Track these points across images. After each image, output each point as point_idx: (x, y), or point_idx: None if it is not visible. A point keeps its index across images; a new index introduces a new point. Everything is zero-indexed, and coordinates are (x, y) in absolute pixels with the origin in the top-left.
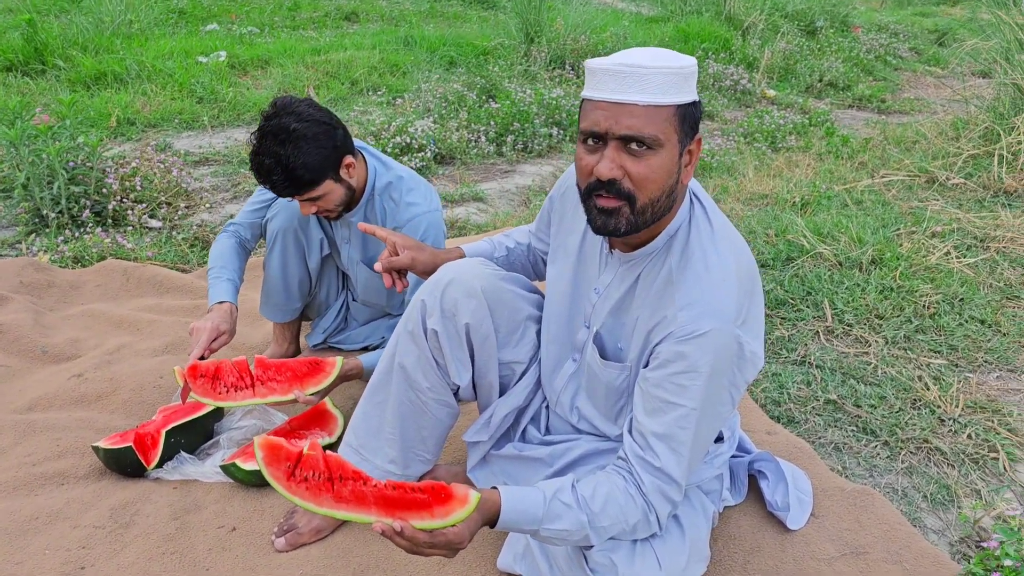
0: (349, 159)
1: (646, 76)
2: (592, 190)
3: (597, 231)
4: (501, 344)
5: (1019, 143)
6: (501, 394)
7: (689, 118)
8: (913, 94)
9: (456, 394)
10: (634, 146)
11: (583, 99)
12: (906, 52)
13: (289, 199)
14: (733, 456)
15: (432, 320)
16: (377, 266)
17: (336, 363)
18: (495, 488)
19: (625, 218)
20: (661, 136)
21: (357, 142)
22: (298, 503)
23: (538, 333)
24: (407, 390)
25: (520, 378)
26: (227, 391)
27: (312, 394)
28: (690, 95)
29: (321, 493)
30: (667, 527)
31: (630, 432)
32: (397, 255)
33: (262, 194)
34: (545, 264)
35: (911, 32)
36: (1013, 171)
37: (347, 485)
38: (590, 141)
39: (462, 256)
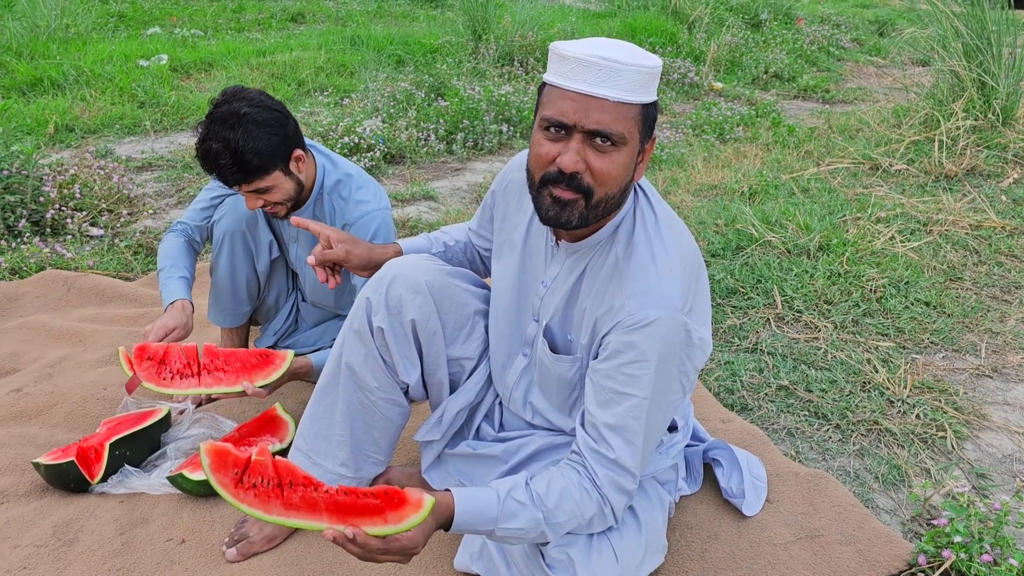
0: (299, 152)
1: (621, 72)
2: (549, 180)
3: (546, 221)
4: (449, 340)
5: (958, 128)
6: (452, 392)
7: (649, 118)
8: (856, 84)
9: (407, 393)
10: (599, 141)
11: (546, 83)
12: (848, 43)
13: (236, 188)
14: (688, 445)
15: (378, 318)
16: (310, 259)
17: (287, 355)
18: (448, 490)
19: (579, 211)
20: (627, 134)
21: (306, 140)
22: (246, 511)
23: (487, 328)
24: (356, 390)
25: (470, 375)
26: (172, 378)
27: (261, 386)
28: (653, 95)
29: (270, 500)
30: (623, 520)
31: (582, 425)
32: (331, 248)
33: (210, 192)
34: (485, 261)
35: (853, 23)
36: (953, 156)
37: (297, 491)
38: (552, 130)
39: (398, 251)
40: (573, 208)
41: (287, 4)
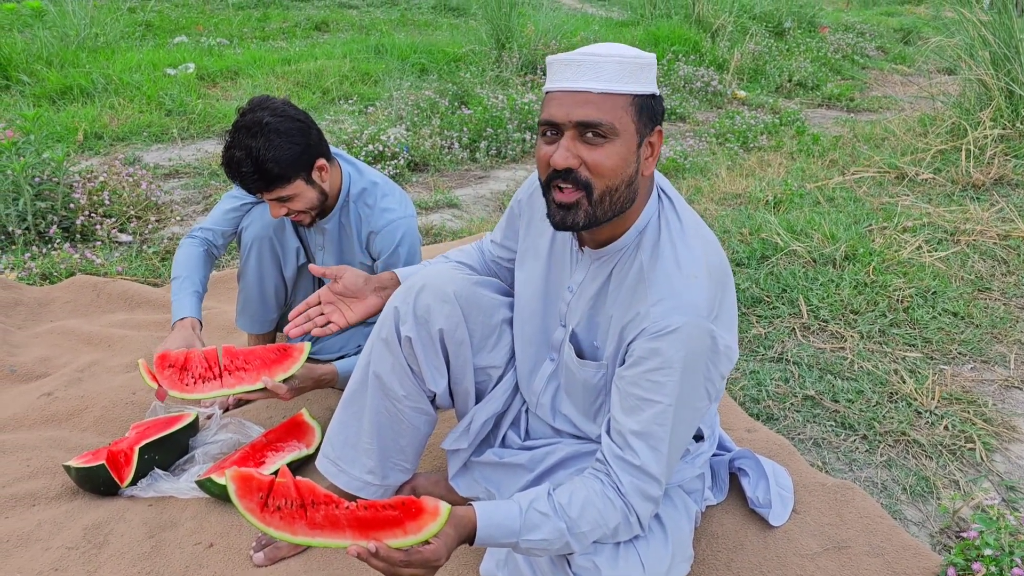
0: (322, 162)
1: (599, 64)
2: (550, 180)
3: (556, 227)
4: (476, 349)
5: (985, 138)
6: (478, 400)
7: (647, 109)
8: (881, 92)
9: (433, 401)
10: (590, 134)
11: (544, 93)
12: (873, 51)
13: (259, 196)
14: (714, 455)
15: (406, 327)
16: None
17: (305, 348)
18: (469, 505)
19: (583, 210)
20: (616, 124)
21: (332, 149)
22: (274, 535)
23: (513, 337)
24: (383, 399)
25: (497, 383)
26: (195, 382)
27: (282, 380)
28: (647, 86)
29: (295, 522)
30: (650, 528)
31: (608, 432)
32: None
33: (235, 199)
34: (505, 271)
35: (877, 31)
36: (980, 165)
37: (320, 510)
38: (548, 133)
39: (394, 279)
40: (578, 209)
41: (311, 13)
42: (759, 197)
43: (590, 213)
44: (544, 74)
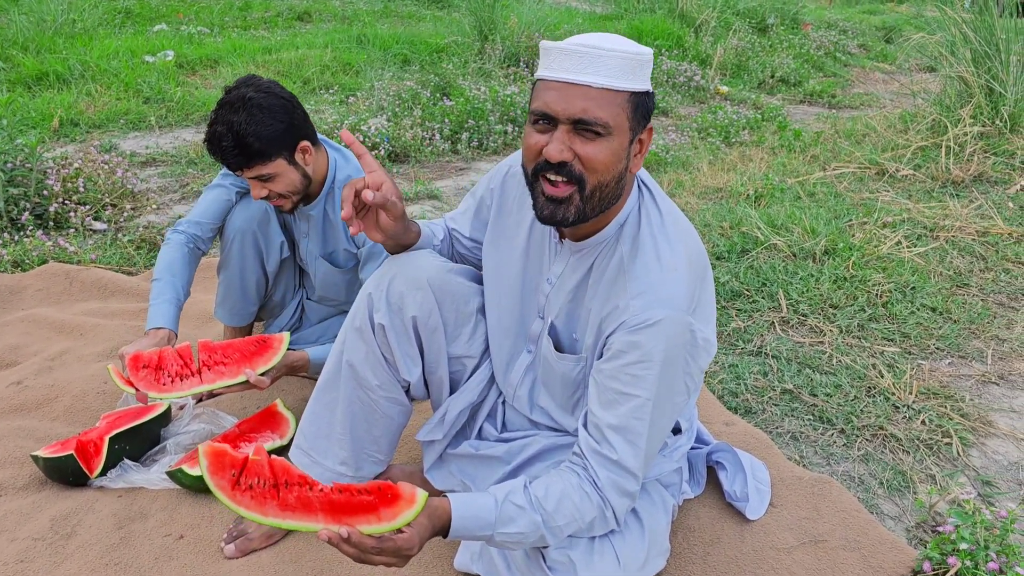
0: (306, 144)
1: (602, 58)
2: (539, 171)
3: (544, 220)
4: (451, 338)
5: (965, 134)
6: (452, 391)
7: (641, 107)
8: (862, 89)
9: (408, 392)
10: (585, 129)
11: (536, 79)
12: (855, 48)
13: (239, 174)
14: (691, 448)
15: (379, 315)
16: (366, 195)
17: (284, 338)
18: (444, 496)
19: (574, 206)
20: (612, 122)
21: (319, 136)
22: (243, 514)
23: (486, 328)
24: (356, 389)
25: (472, 373)
26: (172, 381)
27: (263, 373)
28: (644, 84)
29: (267, 502)
30: (626, 522)
31: (584, 426)
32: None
33: (220, 190)
34: (474, 262)
35: (859, 29)
36: (960, 162)
37: (293, 491)
38: (540, 122)
39: (419, 232)
40: (568, 204)
41: (293, 3)
42: (740, 191)
43: (580, 208)
44: (528, 67)
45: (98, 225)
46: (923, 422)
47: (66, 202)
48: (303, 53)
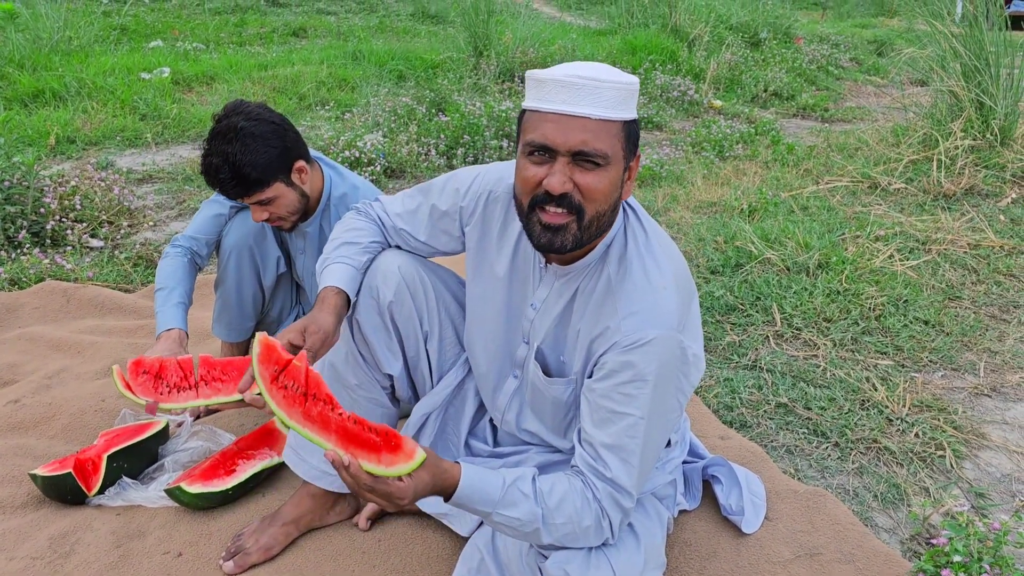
0: (301, 163)
1: (599, 89)
2: (537, 203)
3: (540, 248)
4: (427, 334)
5: (956, 148)
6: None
7: (632, 135)
8: (855, 103)
9: (394, 393)
10: (585, 160)
11: (526, 110)
12: (847, 62)
13: (239, 202)
14: (686, 462)
15: (356, 311)
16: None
17: None
18: (457, 462)
19: (572, 234)
20: (610, 152)
21: (312, 152)
22: (274, 409)
23: (455, 330)
24: (339, 389)
25: (441, 377)
26: (169, 391)
27: (260, 393)
28: (633, 112)
29: (294, 406)
30: (622, 536)
31: (580, 442)
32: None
33: (217, 205)
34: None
35: (851, 43)
36: (951, 175)
37: (317, 406)
38: (537, 154)
39: (342, 300)
40: (566, 232)
41: (289, 19)
42: (734, 205)
43: (578, 237)
44: (522, 82)
45: (95, 243)
46: (917, 435)
47: (63, 219)
48: (299, 69)
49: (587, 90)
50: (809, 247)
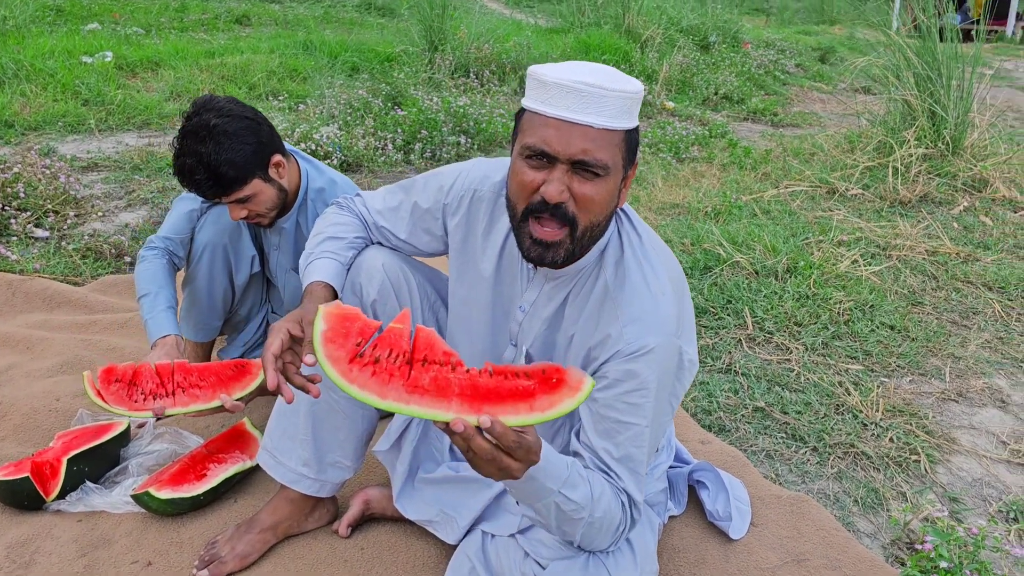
0: (278, 158)
1: (605, 98)
2: (532, 211)
3: (531, 261)
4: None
5: (910, 156)
6: None
7: (632, 144)
8: (802, 108)
9: None
10: (584, 170)
11: (525, 109)
12: (792, 68)
13: (217, 201)
14: (672, 467)
15: None
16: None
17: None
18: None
19: (564, 249)
20: (611, 162)
21: (288, 147)
22: (354, 394)
23: (442, 332)
24: (323, 391)
25: None
26: (144, 398)
27: (239, 399)
28: (635, 120)
29: (391, 381)
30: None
31: (584, 452)
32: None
33: (191, 201)
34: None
35: (796, 49)
36: (906, 182)
37: (430, 371)
38: (535, 158)
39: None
40: (558, 248)
41: (232, 6)
42: (698, 208)
43: (570, 251)
44: (477, 79)
45: (40, 232)
46: (891, 439)
47: (5, 208)
48: (248, 58)
49: (592, 98)
50: (777, 251)
